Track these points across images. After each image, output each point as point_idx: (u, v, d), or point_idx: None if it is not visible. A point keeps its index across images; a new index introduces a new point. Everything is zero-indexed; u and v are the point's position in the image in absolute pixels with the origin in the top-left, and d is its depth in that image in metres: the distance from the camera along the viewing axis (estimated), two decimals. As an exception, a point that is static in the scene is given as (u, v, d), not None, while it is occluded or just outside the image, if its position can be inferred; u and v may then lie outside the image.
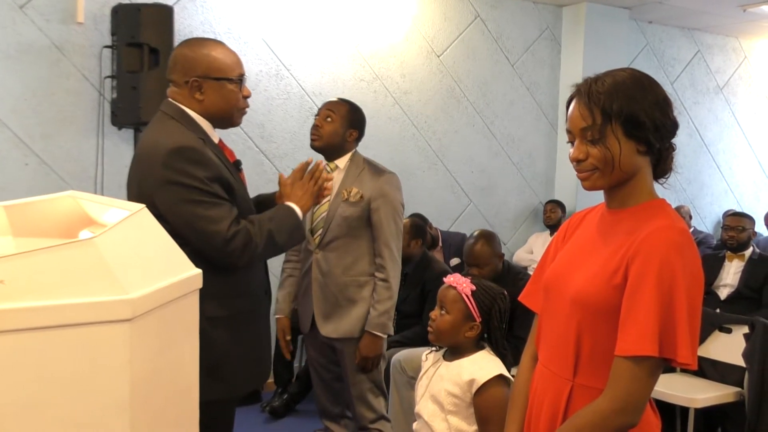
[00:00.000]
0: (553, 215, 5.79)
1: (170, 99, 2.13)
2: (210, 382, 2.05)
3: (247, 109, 2.21)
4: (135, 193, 2.06)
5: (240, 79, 2.14)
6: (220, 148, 2.16)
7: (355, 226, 2.89)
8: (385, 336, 2.93)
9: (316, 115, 2.98)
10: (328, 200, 2.92)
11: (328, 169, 2.96)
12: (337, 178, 2.94)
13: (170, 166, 1.96)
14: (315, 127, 2.94)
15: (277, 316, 3.12)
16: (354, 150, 3.01)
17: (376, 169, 2.97)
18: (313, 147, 2.97)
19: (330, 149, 2.95)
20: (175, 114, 2.09)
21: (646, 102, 1.44)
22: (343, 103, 3.02)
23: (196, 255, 1.63)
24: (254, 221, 2.09)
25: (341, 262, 2.91)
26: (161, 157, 1.97)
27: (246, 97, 2.17)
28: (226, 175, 2.08)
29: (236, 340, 2.12)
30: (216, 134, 2.18)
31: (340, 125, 2.93)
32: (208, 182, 2.00)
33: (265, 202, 2.42)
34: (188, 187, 1.97)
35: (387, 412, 3.10)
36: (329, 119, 2.92)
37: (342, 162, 2.96)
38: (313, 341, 3.05)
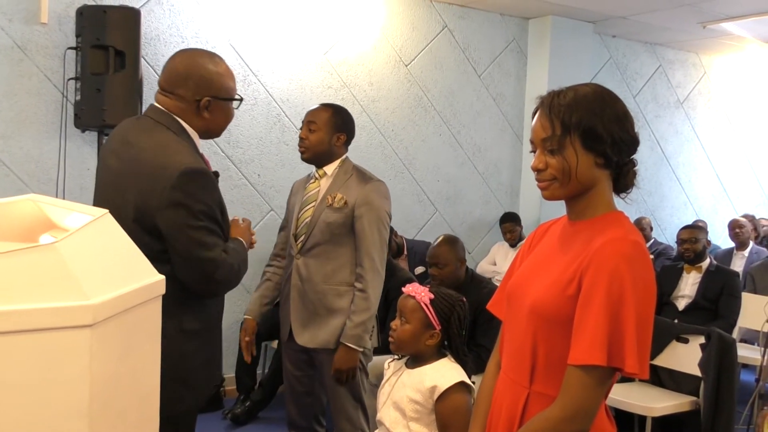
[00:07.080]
0: (513, 234, 5.75)
1: (159, 106, 2.07)
2: (183, 392, 2.04)
3: None
4: (132, 204, 1.97)
5: (240, 98, 2.17)
6: (205, 161, 2.12)
7: (338, 233, 2.81)
8: (361, 349, 2.80)
9: (301, 128, 2.92)
10: (313, 206, 2.88)
11: (317, 175, 2.93)
12: (324, 184, 2.89)
13: (180, 188, 1.93)
14: (300, 140, 2.88)
15: (245, 316, 3.04)
16: (345, 156, 2.94)
17: (364, 176, 2.89)
18: (302, 159, 2.92)
19: (319, 158, 2.90)
20: (168, 123, 2.04)
21: (605, 116, 1.48)
22: (325, 108, 2.95)
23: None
24: (228, 251, 2.08)
25: (322, 270, 2.82)
26: (172, 179, 1.93)
27: None
28: (222, 198, 2.08)
29: (203, 349, 2.13)
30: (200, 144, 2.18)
31: (325, 132, 2.86)
32: (212, 207, 2.00)
33: None
34: (194, 212, 1.96)
35: (368, 426, 2.97)
36: (312, 129, 2.87)
37: (330, 168, 2.90)
38: (289, 351, 2.97)
